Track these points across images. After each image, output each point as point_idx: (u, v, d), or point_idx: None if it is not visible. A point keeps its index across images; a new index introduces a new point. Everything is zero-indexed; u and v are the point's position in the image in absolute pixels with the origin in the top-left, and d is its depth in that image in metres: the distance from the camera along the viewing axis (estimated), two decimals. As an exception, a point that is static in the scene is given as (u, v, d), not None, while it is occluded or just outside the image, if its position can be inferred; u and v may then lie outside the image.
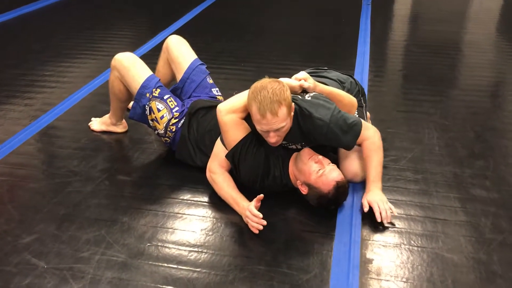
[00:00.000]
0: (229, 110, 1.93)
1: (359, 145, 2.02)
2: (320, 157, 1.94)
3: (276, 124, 1.79)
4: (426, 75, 3.43)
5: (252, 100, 1.79)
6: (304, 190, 1.94)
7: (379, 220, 1.87)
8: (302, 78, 2.01)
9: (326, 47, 4.07)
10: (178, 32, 4.28)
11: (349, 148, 1.99)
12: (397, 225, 1.91)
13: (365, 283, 1.64)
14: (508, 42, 4.29)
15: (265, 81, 1.82)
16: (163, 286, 1.62)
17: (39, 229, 1.88)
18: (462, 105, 2.98)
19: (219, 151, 2.06)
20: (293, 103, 1.86)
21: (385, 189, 2.11)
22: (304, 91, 2.04)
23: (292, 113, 1.86)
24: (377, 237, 1.85)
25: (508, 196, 2.09)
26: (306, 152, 1.95)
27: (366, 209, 1.91)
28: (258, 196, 1.84)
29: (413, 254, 1.76)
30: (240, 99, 1.93)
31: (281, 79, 1.93)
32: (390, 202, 2.03)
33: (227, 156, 2.00)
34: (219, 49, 3.96)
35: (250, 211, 1.84)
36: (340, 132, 1.92)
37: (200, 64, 2.45)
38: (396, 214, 1.91)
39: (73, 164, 2.32)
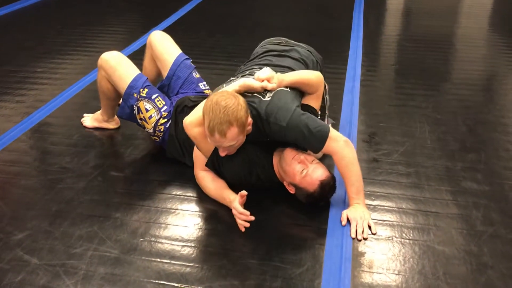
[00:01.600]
0: (195, 124, 1.90)
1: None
2: (303, 156, 1.90)
3: (224, 143, 1.78)
4: (418, 69, 3.44)
5: (205, 113, 1.77)
6: (291, 190, 1.94)
7: (353, 236, 1.80)
8: (265, 78, 1.94)
9: (319, 41, 4.05)
10: (170, 27, 4.26)
11: (316, 151, 1.93)
12: (389, 219, 1.92)
13: (357, 276, 1.65)
14: (500, 36, 4.30)
15: (222, 96, 1.77)
16: (156, 281, 1.62)
17: (32, 226, 1.87)
18: (454, 99, 2.99)
19: (197, 157, 2.05)
20: (249, 119, 1.82)
21: (377, 183, 2.13)
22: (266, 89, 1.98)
23: (249, 127, 1.84)
24: (369, 230, 1.85)
25: (499, 188, 2.10)
26: (289, 152, 1.92)
27: (344, 222, 1.85)
28: (240, 193, 1.81)
29: (404, 247, 1.77)
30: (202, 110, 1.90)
31: (242, 80, 1.91)
32: (382, 195, 2.05)
33: (207, 165, 2.00)
34: (212, 44, 3.95)
35: (236, 209, 1.82)
36: (301, 135, 1.86)
37: (185, 59, 2.42)
38: (375, 233, 1.83)
39: (65, 161, 2.31)
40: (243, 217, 1.81)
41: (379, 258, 1.72)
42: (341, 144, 1.90)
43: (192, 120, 1.91)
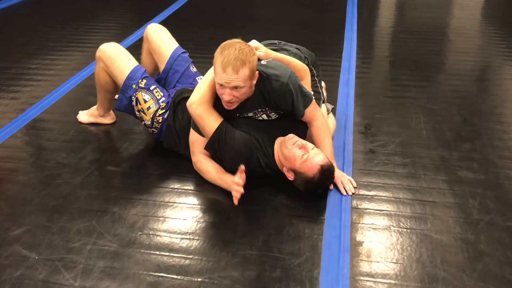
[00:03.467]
0: (200, 102, 1.94)
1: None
2: (304, 142, 1.94)
3: (235, 81, 1.81)
4: (413, 61, 3.45)
5: (218, 53, 1.82)
6: (290, 177, 1.95)
7: (344, 194, 1.98)
8: (254, 47, 2.02)
9: (313, 34, 4.06)
10: (165, 21, 4.24)
11: (300, 115, 2.01)
12: (386, 208, 1.93)
13: (356, 265, 1.66)
14: (493, 26, 4.32)
15: (236, 41, 1.85)
16: (156, 274, 1.62)
17: (29, 221, 1.87)
18: (448, 89, 3.00)
19: (194, 141, 2.07)
20: (257, 71, 1.88)
21: (373, 174, 2.14)
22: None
23: (255, 81, 1.89)
24: (367, 220, 1.87)
25: (494, 177, 2.12)
26: (290, 137, 1.96)
27: (331, 186, 2.00)
28: (240, 167, 1.84)
29: (402, 236, 1.79)
30: (205, 85, 1.94)
31: None
32: (379, 186, 2.07)
33: (206, 148, 2.01)
34: (207, 37, 3.93)
35: (237, 183, 1.85)
36: (296, 95, 1.95)
37: (182, 52, 2.41)
38: (355, 185, 2.03)
39: (61, 156, 2.30)
40: (241, 183, 1.84)
41: (377, 247, 1.73)
42: (321, 113, 2.07)
43: (195, 99, 1.94)
